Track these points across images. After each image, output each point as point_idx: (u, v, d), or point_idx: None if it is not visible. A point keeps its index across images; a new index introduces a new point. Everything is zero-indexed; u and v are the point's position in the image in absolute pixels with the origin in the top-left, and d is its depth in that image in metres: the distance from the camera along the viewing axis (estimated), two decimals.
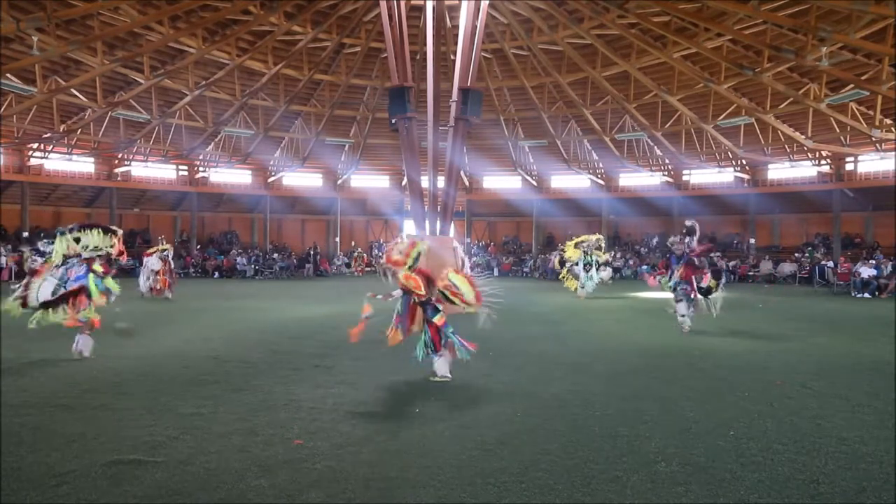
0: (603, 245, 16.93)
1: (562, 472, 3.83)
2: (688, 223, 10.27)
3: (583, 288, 15.92)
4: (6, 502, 3.36)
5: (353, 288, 19.88)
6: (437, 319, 6.44)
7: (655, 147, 26.84)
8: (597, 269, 16.14)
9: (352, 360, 7.46)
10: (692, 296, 9.82)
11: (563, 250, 17.00)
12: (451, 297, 6.56)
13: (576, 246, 16.24)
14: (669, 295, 10.34)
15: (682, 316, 9.80)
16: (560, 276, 17.19)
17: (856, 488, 3.61)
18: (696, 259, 9.83)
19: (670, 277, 10.02)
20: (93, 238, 7.52)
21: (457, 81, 13.82)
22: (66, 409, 5.14)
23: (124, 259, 8.18)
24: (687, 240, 9.97)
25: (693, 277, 9.75)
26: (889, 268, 18.19)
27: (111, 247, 7.70)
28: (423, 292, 6.40)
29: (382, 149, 29.88)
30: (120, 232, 7.93)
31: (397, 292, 6.54)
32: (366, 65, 25.08)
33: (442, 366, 6.38)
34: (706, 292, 9.85)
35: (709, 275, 9.87)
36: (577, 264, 16.17)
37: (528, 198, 31.05)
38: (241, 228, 31.41)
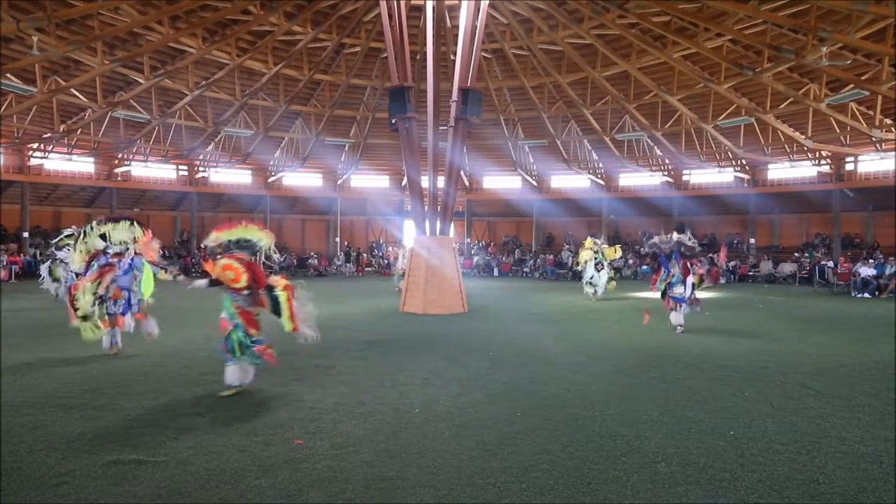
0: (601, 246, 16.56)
1: (562, 472, 3.83)
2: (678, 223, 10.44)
3: (594, 287, 15.68)
4: (6, 502, 3.36)
5: (353, 287, 19.89)
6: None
7: (655, 147, 26.83)
8: (607, 269, 15.97)
9: (352, 360, 7.47)
10: (689, 296, 9.90)
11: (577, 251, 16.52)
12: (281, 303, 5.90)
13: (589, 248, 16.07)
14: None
15: (680, 326, 9.92)
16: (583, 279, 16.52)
17: (856, 488, 3.62)
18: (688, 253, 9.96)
19: (666, 276, 10.08)
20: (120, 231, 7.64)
21: (457, 81, 13.81)
22: (66, 409, 5.14)
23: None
24: (680, 237, 10.08)
25: (690, 273, 9.87)
26: (892, 268, 18.16)
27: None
28: (241, 285, 5.64)
29: (382, 149, 29.88)
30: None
31: (201, 282, 5.78)
32: (366, 65, 25.07)
33: (232, 374, 5.68)
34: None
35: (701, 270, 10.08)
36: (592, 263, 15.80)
37: (528, 198, 31.04)
38: None
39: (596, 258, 15.78)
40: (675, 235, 10.20)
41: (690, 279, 9.96)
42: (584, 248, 16.17)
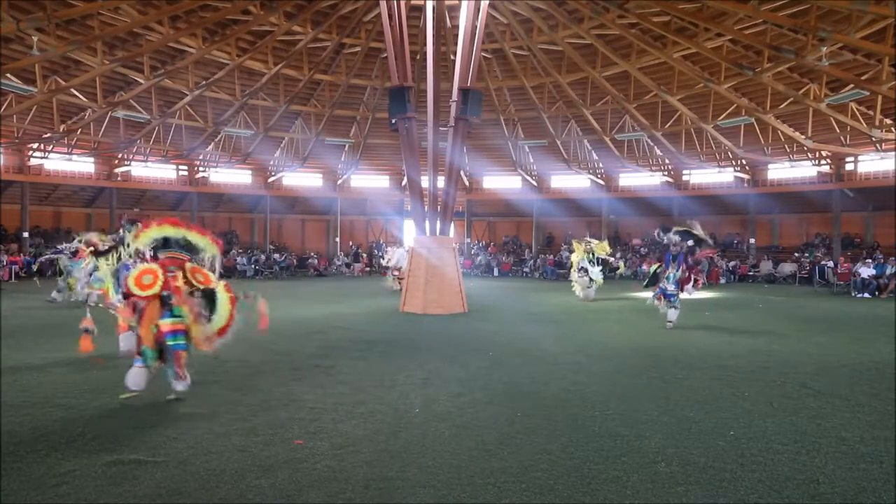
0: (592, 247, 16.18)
1: (562, 472, 3.83)
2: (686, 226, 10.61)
3: (589, 287, 15.57)
4: (6, 502, 3.36)
5: (353, 287, 19.89)
6: (165, 324, 5.25)
7: (655, 147, 26.83)
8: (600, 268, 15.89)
9: (352, 360, 7.47)
10: (677, 296, 10.30)
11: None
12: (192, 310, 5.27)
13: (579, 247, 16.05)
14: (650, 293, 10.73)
15: (670, 322, 10.27)
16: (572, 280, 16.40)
17: (856, 488, 3.62)
18: (692, 260, 10.26)
19: (663, 271, 10.42)
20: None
21: (457, 81, 13.81)
22: (66, 409, 5.14)
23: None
24: (684, 240, 10.30)
25: (688, 279, 10.23)
26: (892, 268, 18.13)
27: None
28: (154, 291, 5.19)
29: (382, 149, 29.88)
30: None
31: (114, 300, 5.35)
32: (366, 65, 25.08)
33: (133, 378, 5.31)
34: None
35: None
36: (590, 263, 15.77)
37: (528, 198, 31.04)
38: (241, 228, 31.41)
39: (589, 258, 15.70)
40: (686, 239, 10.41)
41: (690, 285, 10.33)
42: (576, 252, 16.12)
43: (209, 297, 5.47)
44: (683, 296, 10.51)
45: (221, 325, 5.42)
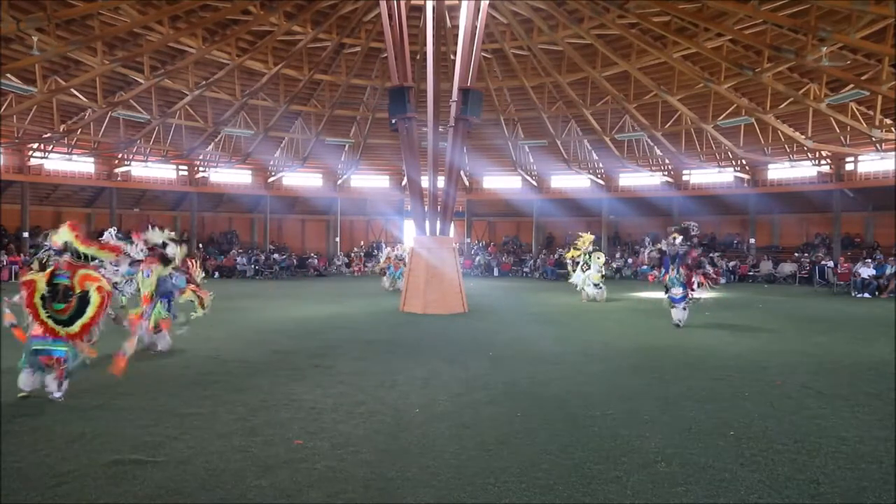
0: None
1: (562, 472, 3.83)
2: (683, 225, 10.63)
3: (581, 290, 15.57)
4: (6, 502, 3.36)
5: (353, 287, 19.90)
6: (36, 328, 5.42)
7: (655, 147, 26.83)
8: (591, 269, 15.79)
9: (352, 360, 7.47)
10: (688, 297, 10.21)
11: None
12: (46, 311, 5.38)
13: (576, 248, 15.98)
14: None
15: (678, 321, 10.36)
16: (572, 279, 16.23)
17: (856, 488, 3.62)
18: (691, 260, 10.29)
19: (663, 276, 10.52)
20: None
21: (457, 81, 13.81)
22: (66, 409, 5.14)
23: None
24: (678, 240, 10.32)
25: (692, 278, 10.21)
26: (892, 268, 18.12)
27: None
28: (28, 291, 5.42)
29: (382, 149, 29.89)
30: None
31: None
32: (366, 65, 25.07)
33: (23, 379, 5.51)
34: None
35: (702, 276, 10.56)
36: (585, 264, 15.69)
37: (528, 198, 31.04)
38: (241, 228, 31.42)
39: (580, 259, 15.63)
40: (679, 239, 10.41)
41: (696, 281, 10.36)
42: (576, 249, 16.03)
43: (83, 300, 5.48)
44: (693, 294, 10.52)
45: (83, 324, 5.42)
